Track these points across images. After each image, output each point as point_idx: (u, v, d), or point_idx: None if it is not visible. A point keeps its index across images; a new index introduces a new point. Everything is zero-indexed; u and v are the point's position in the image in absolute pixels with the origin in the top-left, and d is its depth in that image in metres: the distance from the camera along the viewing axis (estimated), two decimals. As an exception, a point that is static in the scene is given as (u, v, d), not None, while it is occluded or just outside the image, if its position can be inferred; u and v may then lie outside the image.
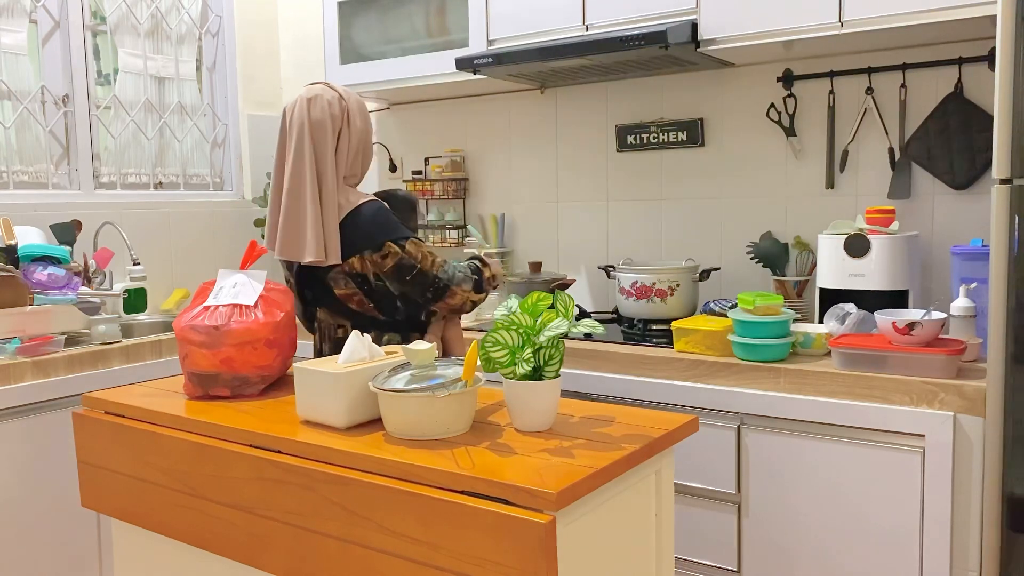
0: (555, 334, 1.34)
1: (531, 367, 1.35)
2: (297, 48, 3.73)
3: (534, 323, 1.38)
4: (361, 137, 1.95)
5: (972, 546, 1.86)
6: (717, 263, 2.73)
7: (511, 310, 1.39)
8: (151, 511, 1.56)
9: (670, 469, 1.41)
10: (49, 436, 2.33)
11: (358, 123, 1.94)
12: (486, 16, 2.77)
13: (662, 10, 2.42)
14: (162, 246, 3.28)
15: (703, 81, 2.74)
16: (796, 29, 2.23)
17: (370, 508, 1.23)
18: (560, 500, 1.09)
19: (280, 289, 1.74)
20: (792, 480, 2.05)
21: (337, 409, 1.39)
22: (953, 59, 2.32)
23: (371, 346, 1.50)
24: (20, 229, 2.63)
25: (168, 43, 3.39)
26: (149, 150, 3.32)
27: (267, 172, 3.65)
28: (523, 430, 1.38)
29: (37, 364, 2.32)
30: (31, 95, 2.93)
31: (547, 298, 1.40)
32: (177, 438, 1.50)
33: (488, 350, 1.37)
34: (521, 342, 1.37)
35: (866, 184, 2.49)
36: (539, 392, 1.37)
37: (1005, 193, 1.71)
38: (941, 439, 1.86)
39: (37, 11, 2.95)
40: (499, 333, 1.37)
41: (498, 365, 1.37)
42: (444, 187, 3.26)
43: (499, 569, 1.11)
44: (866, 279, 2.21)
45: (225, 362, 1.60)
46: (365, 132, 1.97)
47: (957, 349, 1.90)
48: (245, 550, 1.41)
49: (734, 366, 2.11)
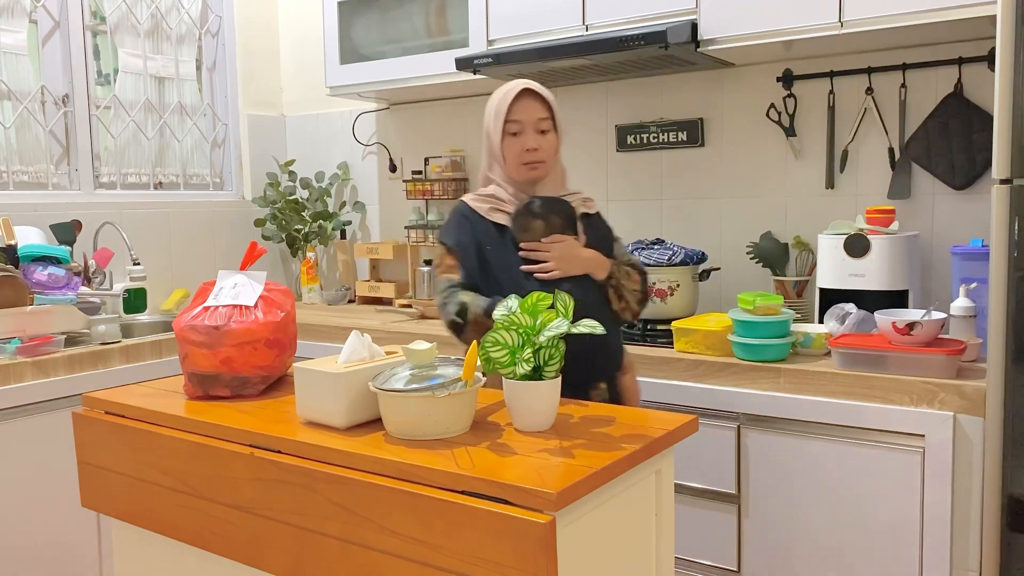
0: (555, 334, 1.34)
1: (531, 367, 1.35)
2: (297, 48, 3.73)
3: (534, 323, 1.37)
4: (485, 133, 1.91)
5: (972, 546, 1.86)
6: (717, 263, 2.73)
7: (511, 310, 1.39)
8: (151, 511, 1.56)
9: (670, 469, 1.41)
10: (49, 436, 2.33)
11: (486, 120, 1.91)
12: (486, 16, 2.77)
13: (662, 10, 2.42)
14: (162, 246, 3.28)
15: (703, 81, 2.74)
16: (796, 29, 2.23)
17: (370, 508, 1.23)
18: (560, 500, 1.09)
19: (280, 289, 1.74)
20: (792, 480, 2.05)
21: (337, 409, 1.39)
22: (953, 59, 2.32)
23: (371, 346, 1.50)
24: (20, 229, 2.63)
25: (168, 43, 3.39)
26: (149, 150, 3.32)
27: (267, 172, 3.66)
28: (523, 430, 1.38)
29: (37, 364, 2.32)
30: (31, 95, 2.93)
31: (547, 298, 1.40)
32: (177, 438, 1.50)
33: (488, 350, 1.36)
34: (521, 342, 1.37)
35: (866, 184, 2.49)
36: (539, 392, 1.37)
37: (1005, 193, 1.71)
38: (941, 439, 1.86)
39: (37, 11, 2.95)
40: (499, 333, 1.37)
41: (498, 365, 1.37)
42: (444, 187, 3.26)
43: (499, 569, 1.11)
44: (866, 279, 2.21)
45: (225, 362, 1.60)
46: (487, 130, 1.91)
47: (957, 349, 1.90)
48: (245, 550, 1.41)
49: (734, 366, 2.11)
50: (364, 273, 3.58)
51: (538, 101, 1.86)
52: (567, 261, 1.82)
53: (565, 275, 1.81)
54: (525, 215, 1.83)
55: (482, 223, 1.86)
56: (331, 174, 3.64)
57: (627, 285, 1.90)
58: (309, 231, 3.56)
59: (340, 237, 3.60)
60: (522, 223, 1.83)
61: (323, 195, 3.59)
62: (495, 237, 1.85)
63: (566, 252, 1.83)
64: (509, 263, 1.83)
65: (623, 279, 1.89)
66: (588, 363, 1.80)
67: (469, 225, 1.87)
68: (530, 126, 1.85)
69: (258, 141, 3.66)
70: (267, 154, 3.71)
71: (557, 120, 1.89)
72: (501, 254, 1.84)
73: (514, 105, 1.84)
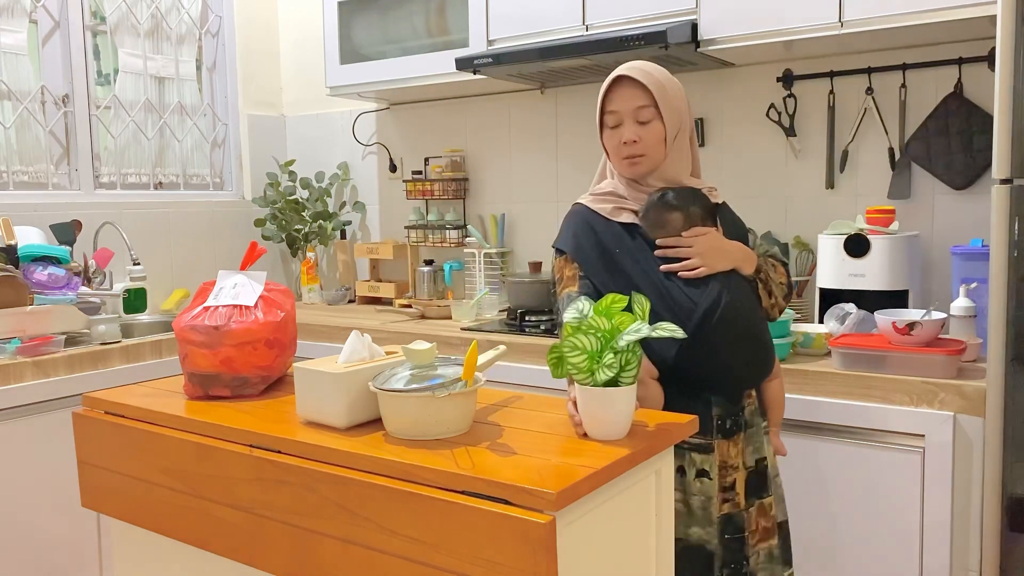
0: (635, 338, 1.27)
1: (615, 373, 1.28)
2: (297, 48, 3.73)
3: (612, 326, 1.30)
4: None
5: (972, 546, 1.86)
6: (717, 263, 2.73)
7: (583, 313, 1.32)
8: (151, 511, 1.56)
9: (670, 469, 1.41)
10: (49, 436, 2.33)
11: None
12: (486, 16, 2.77)
13: (662, 10, 2.42)
14: (162, 246, 3.28)
15: (703, 81, 2.74)
16: (796, 29, 2.23)
17: (370, 508, 1.23)
18: (560, 500, 1.09)
19: (280, 289, 1.74)
20: (792, 480, 2.05)
21: (337, 409, 1.39)
22: (953, 59, 2.32)
23: (371, 346, 1.50)
24: (20, 229, 2.63)
25: (168, 43, 3.39)
26: (149, 150, 3.32)
27: (267, 172, 3.66)
28: (598, 439, 1.32)
29: (37, 364, 2.32)
30: (31, 95, 2.93)
31: (622, 300, 1.32)
32: (177, 438, 1.50)
33: (567, 355, 1.29)
34: (600, 347, 1.30)
35: (866, 184, 2.49)
36: (617, 398, 1.30)
37: (1005, 193, 1.71)
38: (941, 439, 1.86)
39: (37, 11, 2.95)
40: (577, 338, 1.29)
41: (576, 371, 1.29)
42: (444, 187, 3.26)
43: (499, 569, 1.11)
44: (866, 279, 2.21)
45: (225, 362, 1.60)
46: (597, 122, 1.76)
47: (957, 349, 1.90)
48: (245, 550, 1.41)
49: (734, 366, 2.11)
50: (364, 273, 3.58)
51: (637, 88, 1.65)
52: (713, 255, 1.61)
53: (712, 271, 1.61)
54: (660, 209, 1.64)
55: (606, 225, 1.68)
56: (331, 174, 3.64)
57: (774, 278, 1.72)
58: (309, 231, 3.56)
59: (340, 237, 3.60)
60: (656, 218, 1.64)
61: (323, 195, 3.59)
62: (624, 239, 1.66)
63: (711, 245, 1.62)
64: (647, 266, 1.64)
65: (770, 271, 1.72)
66: (743, 370, 1.64)
67: (590, 229, 1.69)
68: (628, 116, 1.65)
69: (258, 141, 3.66)
70: (267, 154, 3.71)
71: (663, 107, 1.65)
72: (635, 257, 1.65)
73: (610, 94, 1.67)
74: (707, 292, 1.59)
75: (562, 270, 1.71)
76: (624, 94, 1.66)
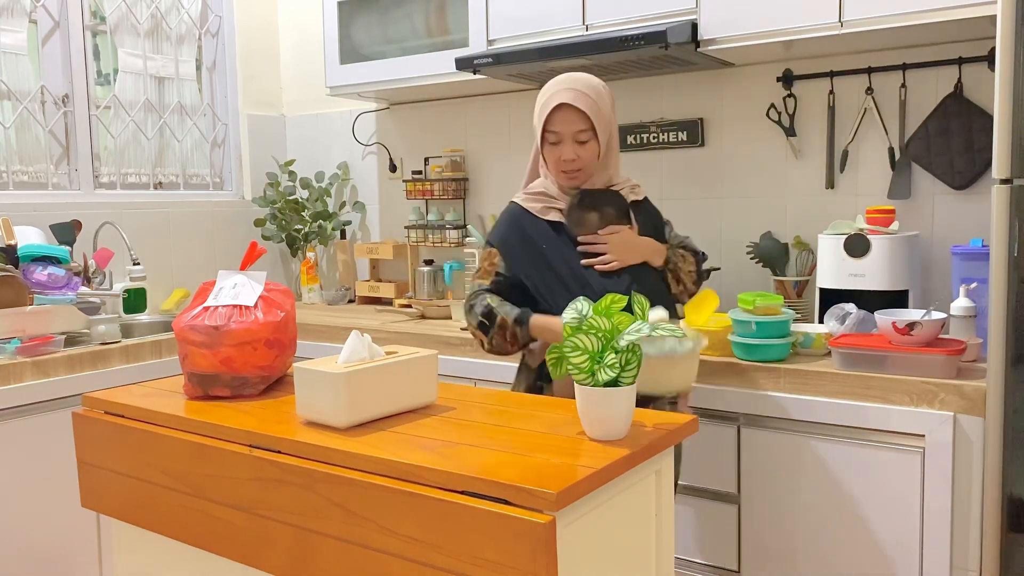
0: (636, 338, 1.28)
1: (616, 373, 1.29)
2: (297, 48, 3.73)
3: (613, 326, 1.31)
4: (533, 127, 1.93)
5: (972, 546, 1.86)
6: (717, 263, 2.73)
7: (583, 313, 1.33)
8: (151, 511, 1.56)
9: (670, 469, 1.41)
10: (49, 436, 2.33)
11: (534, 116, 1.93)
12: (486, 16, 2.77)
13: (662, 10, 2.42)
14: (162, 246, 3.28)
15: (703, 81, 2.74)
16: (796, 29, 2.23)
17: (370, 508, 1.23)
18: (560, 500, 1.09)
19: (280, 289, 1.74)
20: (792, 480, 2.05)
21: (337, 409, 1.39)
22: (953, 59, 2.32)
23: (371, 346, 1.50)
24: (20, 229, 2.63)
25: (168, 43, 3.39)
26: (149, 150, 3.32)
27: (267, 172, 3.66)
28: (598, 439, 1.32)
29: (37, 364, 2.32)
30: (31, 95, 2.93)
31: (621, 300, 1.34)
32: (177, 438, 1.50)
33: (567, 354, 1.30)
34: (602, 347, 1.31)
35: (866, 184, 2.49)
36: (618, 399, 1.30)
37: (1005, 193, 1.71)
38: (941, 439, 1.86)
39: (37, 11, 2.95)
40: (578, 338, 1.30)
41: (577, 371, 1.30)
42: (444, 187, 3.26)
43: (499, 569, 1.11)
44: (866, 279, 2.21)
45: (225, 362, 1.60)
46: (533, 126, 1.92)
47: (957, 349, 1.90)
48: (245, 550, 1.41)
49: (734, 366, 2.11)
50: (364, 273, 3.58)
51: (576, 114, 1.84)
52: (625, 250, 1.85)
53: (624, 265, 1.84)
54: (579, 209, 1.86)
55: (536, 223, 1.89)
56: (331, 174, 3.64)
57: (683, 267, 1.95)
58: (309, 231, 3.56)
59: (340, 237, 3.60)
60: (577, 217, 1.86)
61: (323, 195, 3.59)
62: (551, 235, 1.87)
63: (623, 242, 1.86)
64: (569, 259, 1.85)
65: (679, 262, 1.94)
66: None
67: (520, 226, 1.89)
68: (568, 137, 1.85)
69: (258, 141, 3.66)
70: (267, 154, 3.71)
71: (599, 128, 1.85)
72: (560, 251, 1.86)
73: (552, 117, 1.85)
74: (619, 282, 1.83)
75: (483, 261, 1.92)
76: (565, 118, 1.84)
